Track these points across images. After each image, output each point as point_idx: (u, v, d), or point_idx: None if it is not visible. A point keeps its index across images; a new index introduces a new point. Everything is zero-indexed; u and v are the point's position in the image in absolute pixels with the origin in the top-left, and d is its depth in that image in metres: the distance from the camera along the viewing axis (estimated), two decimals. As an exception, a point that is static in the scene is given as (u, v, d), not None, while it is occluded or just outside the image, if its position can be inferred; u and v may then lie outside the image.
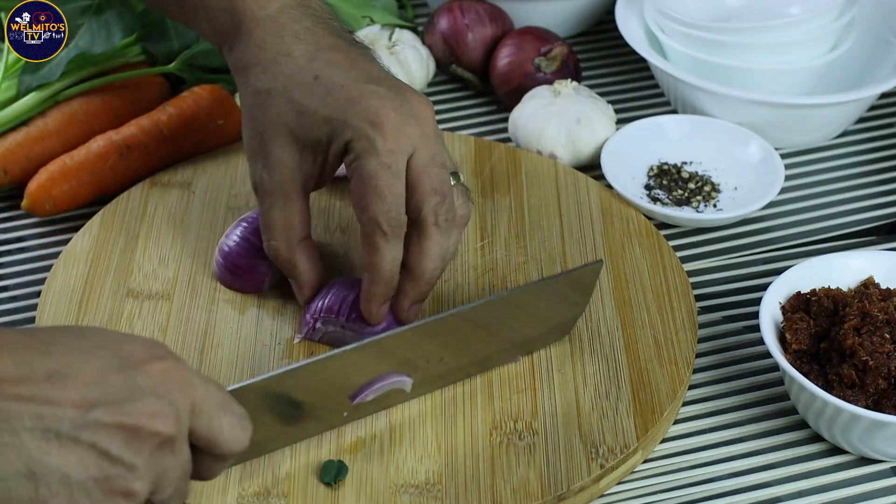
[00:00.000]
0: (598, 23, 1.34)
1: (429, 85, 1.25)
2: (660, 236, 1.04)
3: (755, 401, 0.95)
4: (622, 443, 0.88)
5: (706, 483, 0.89)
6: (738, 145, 1.13)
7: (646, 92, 1.25)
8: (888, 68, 1.17)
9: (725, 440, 0.92)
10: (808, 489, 0.89)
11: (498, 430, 0.89)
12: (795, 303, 0.93)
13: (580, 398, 0.91)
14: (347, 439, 0.88)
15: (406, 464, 0.87)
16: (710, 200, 1.10)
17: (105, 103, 1.13)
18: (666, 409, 0.90)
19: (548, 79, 1.19)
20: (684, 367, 0.93)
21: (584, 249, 1.03)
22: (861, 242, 1.08)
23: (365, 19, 1.23)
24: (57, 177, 1.08)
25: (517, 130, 1.14)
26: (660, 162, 1.13)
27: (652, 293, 0.99)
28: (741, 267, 1.06)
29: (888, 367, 0.87)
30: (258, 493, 0.84)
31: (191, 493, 0.73)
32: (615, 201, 1.07)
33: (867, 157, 1.18)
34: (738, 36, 1.14)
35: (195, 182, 1.08)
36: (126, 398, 0.67)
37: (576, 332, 0.96)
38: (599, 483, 0.87)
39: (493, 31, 1.23)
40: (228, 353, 0.94)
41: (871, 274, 0.95)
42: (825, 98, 1.13)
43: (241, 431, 0.72)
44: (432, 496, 0.84)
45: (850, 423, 0.87)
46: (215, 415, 0.70)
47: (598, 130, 1.12)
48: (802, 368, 0.89)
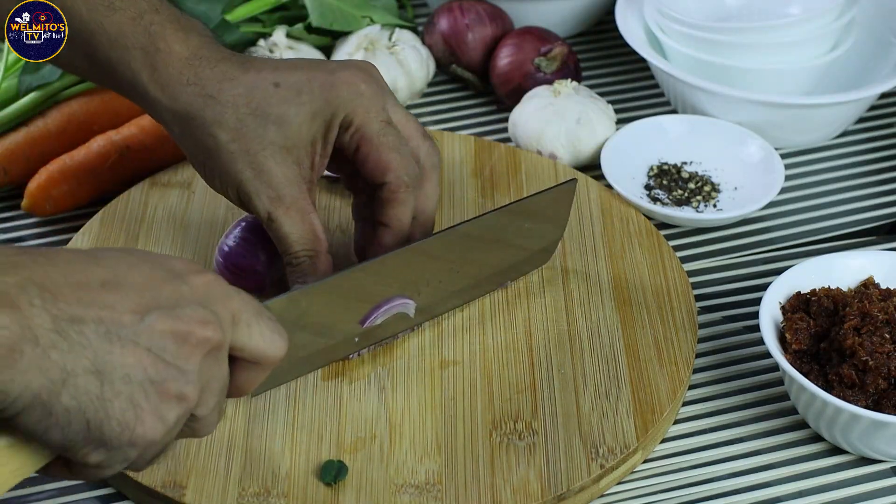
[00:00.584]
0: (598, 23, 1.34)
1: (429, 85, 1.25)
2: (660, 236, 1.04)
3: (755, 401, 0.95)
4: (622, 443, 0.88)
5: (706, 483, 0.89)
6: (738, 145, 1.13)
7: (646, 92, 1.25)
8: (888, 68, 1.17)
9: (725, 440, 0.92)
10: (808, 489, 0.89)
11: (498, 430, 0.89)
12: (795, 303, 0.93)
13: (580, 398, 0.91)
14: (347, 439, 0.88)
15: (406, 464, 0.87)
16: (710, 200, 1.10)
17: (105, 103, 1.13)
18: (666, 409, 0.90)
19: (548, 79, 1.19)
20: (684, 367, 0.93)
21: (583, 249, 1.03)
22: (861, 242, 1.08)
23: (365, 19, 1.23)
24: (57, 177, 1.08)
25: (517, 130, 1.14)
26: (660, 162, 1.13)
27: (652, 293, 0.99)
28: (741, 267, 1.06)
29: (888, 367, 0.87)
30: (258, 493, 0.84)
31: (224, 415, 0.75)
32: (615, 201, 1.07)
33: (867, 157, 1.18)
34: (738, 36, 1.14)
35: (195, 182, 1.08)
36: (175, 305, 0.69)
37: (576, 332, 0.96)
38: (599, 483, 0.87)
39: (493, 31, 1.23)
40: (228, 353, 0.94)
41: (871, 274, 0.95)
42: (825, 98, 1.13)
43: (279, 337, 0.74)
44: (432, 496, 0.85)
45: (850, 423, 0.87)
46: (254, 322, 0.73)
47: (598, 130, 1.12)
48: (802, 368, 0.89)
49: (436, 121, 1.22)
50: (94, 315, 0.66)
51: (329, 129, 0.91)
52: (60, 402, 0.65)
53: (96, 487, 0.88)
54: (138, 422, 0.67)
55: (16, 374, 0.64)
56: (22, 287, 0.65)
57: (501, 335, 0.96)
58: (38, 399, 0.65)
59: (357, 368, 0.93)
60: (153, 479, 0.85)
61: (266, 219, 0.90)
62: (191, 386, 0.69)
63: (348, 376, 0.92)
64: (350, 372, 0.93)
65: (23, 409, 0.65)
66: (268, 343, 0.74)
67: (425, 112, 1.22)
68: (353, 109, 0.90)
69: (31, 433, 0.66)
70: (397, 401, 0.91)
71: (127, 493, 0.87)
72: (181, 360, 0.69)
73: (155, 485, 0.85)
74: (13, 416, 0.65)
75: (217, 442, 0.87)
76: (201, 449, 0.87)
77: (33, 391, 0.64)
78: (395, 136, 0.91)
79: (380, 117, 0.91)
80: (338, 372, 0.93)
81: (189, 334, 0.69)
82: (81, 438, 0.67)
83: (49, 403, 0.65)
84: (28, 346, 0.64)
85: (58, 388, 0.65)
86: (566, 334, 0.96)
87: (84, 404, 0.66)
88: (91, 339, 0.66)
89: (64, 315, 0.65)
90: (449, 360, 0.94)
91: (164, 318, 0.68)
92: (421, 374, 0.93)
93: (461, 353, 0.94)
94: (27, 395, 0.64)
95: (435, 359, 0.94)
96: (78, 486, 0.88)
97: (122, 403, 0.67)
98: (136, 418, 0.67)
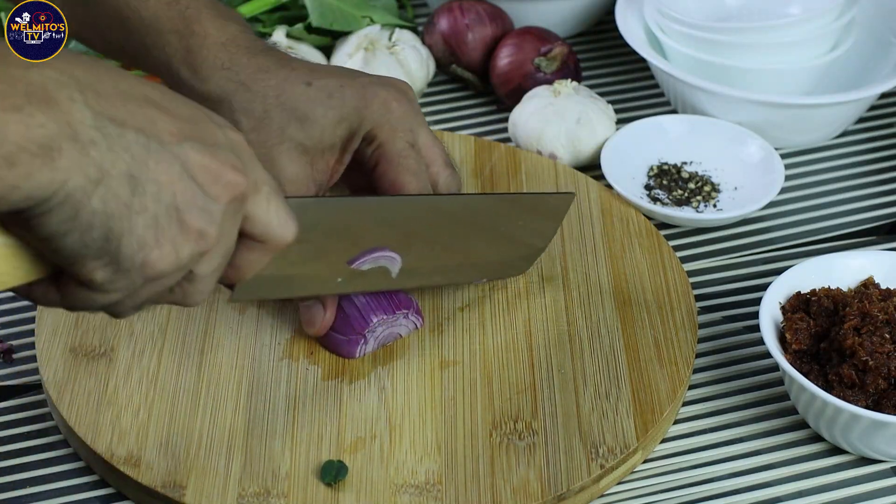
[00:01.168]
0: (598, 23, 1.34)
1: (429, 85, 1.25)
2: (660, 236, 1.04)
3: (755, 401, 0.95)
4: (622, 443, 0.88)
5: (706, 483, 0.89)
6: (738, 145, 1.13)
7: (646, 92, 1.25)
8: (888, 68, 1.17)
9: (725, 440, 0.92)
10: (808, 489, 0.89)
11: (498, 430, 0.89)
12: (795, 303, 0.93)
13: (580, 398, 0.91)
14: (347, 439, 0.88)
15: (406, 464, 0.87)
16: (710, 200, 1.10)
17: (105, 103, 1.13)
18: (666, 409, 0.90)
19: (548, 79, 1.19)
20: (684, 366, 0.93)
21: (584, 249, 1.03)
22: (861, 242, 1.08)
23: (365, 19, 1.23)
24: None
25: (517, 130, 1.14)
26: (660, 162, 1.13)
27: (652, 293, 0.99)
28: (741, 267, 1.06)
29: (888, 367, 0.87)
30: (258, 494, 0.84)
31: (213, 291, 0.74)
32: (615, 201, 1.07)
33: (867, 157, 1.18)
34: (738, 36, 1.14)
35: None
36: (214, 144, 0.68)
37: (575, 332, 0.96)
38: (599, 483, 0.87)
39: (493, 31, 1.23)
40: (228, 353, 0.94)
41: (871, 274, 0.95)
42: (825, 98, 1.13)
43: (290, 220, 0.73)
44: (432, 496, 0.85)
45: (850, 423, 0.87)
46: (273, 197, 0.72)
47: (598, 130, 1.12)
48: (802, 368, 0.90)
49: (436, 121, 1.22)
50: (137, 123, 0.65)
51: (352, 138, 0.91)
52: (90, 204, 0.63)
53: (96, 487, 0.88)
54: (156, 244, 0.66)
55: (56, 174, 0.62)
56: (62, 82, 0.63)
57: (501, 335, 0.96)
58: (71, 198, 0.63)
59: (357, 368, 0.93)
60: (153, 479, 0.85)
61: None
62: (213, 226, 0.68)
63: (348, 376, 0.92)
64: (350, 372, 0.93)
65: (52, 208, 0.63)
66: (280, 221, 0.72)
67: (425, 112, 1.22)
68: (379, 124, 0.90)
69: (49, 236, 0.64)
70: (397, 401, 0.91)
71: (127, 493, 0.87)
72: (207, 197, 0.67)
73: (155, 485, 0.85)
74: (38, 214, 0.63)
75: (217, 442, 0.88)
76: (201, 449, 0.87)
77: (68, 190, 0.62)
78: (415, 160, 0.91)
79: (405, 138, 0.91)
80: (338, 372, 0.93)
81: (221, 174, 0.68)
82: (97, 248, 0.65)
83: (79, 203, 0.63)
84: (67, 143, 0.62)
85: (92, 187, 0.63)
86: (566, 334, 0.96)
87: (112, 210, 0.64)
88: (131, 143, 0.65)
89: (106, 113, 0.64)
90: (449, 361, 0.94)
91: (202, 151, 0.67)
92: (421, 374, 0.93)
93: (461, 354, 0.94)
94: (61, 194, 0.62)
95: (435, 359, 0.94)
96: (78, 485, 0.88)
97: (146, 220, 0.65)
98: (154, 240, 0.66)
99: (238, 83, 0.90)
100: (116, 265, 0.66)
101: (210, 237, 0.68)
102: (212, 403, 0.90)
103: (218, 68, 0.91)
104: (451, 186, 0.93)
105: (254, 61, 0.91)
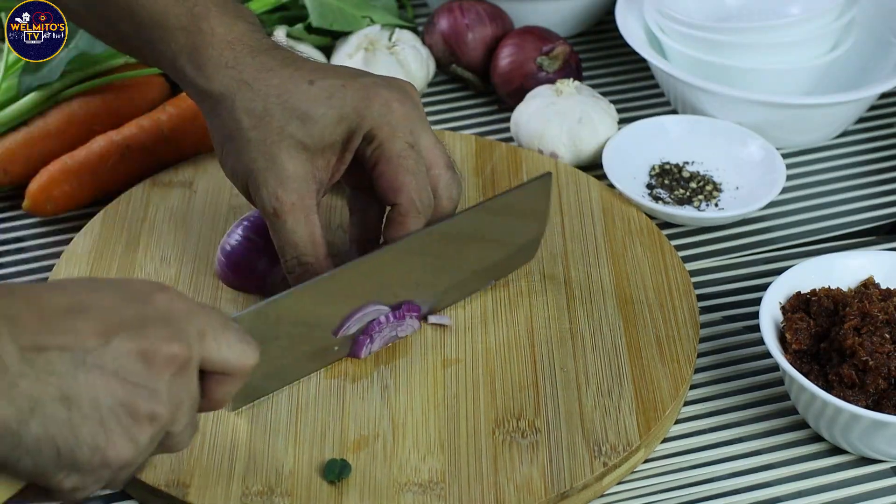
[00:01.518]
0: (598, 23, 1.34)
1: (429, 85, 1.25)
2: (661, 235, 1.05)
3: (755, 401, 0.95)
4: (625, 441, 0.88)
5: (706, 483, 0.89)
6: (739, 145, 1.13)
7: (646, 92, 1.25)
8: (888, 68, 1.17)
9: (725, 440, 0.92)
10: (808, 489, 0.89)
11: (501, 428, 0.89)
12: (795, 303, 0.93)
13: (583, 396, 0.91)
14: (350, 437, 0.88)
15: (409, 462, 0.87)
16: (711, 200, 1.10)
17: (105, 103, 1.13)
18: (668, 406, 0.90)
19: (550, 78, 1.19)
20: (686, 364, 0.94)
21: (585, 248, 1.03)
22: (861, 242, 1.08)
23: (365, 19, 1.23)
24: (58, 177, 1.08)
25: (519, 129, 1.14)
26: (661, 162, 1.13)
27: (654, 291, 0.99)
28: (742, 267, 1.06)
29: (888, 367, 0.87)
30: (262, 492, 0.85)
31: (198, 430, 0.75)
32: (616, 200, 1.08)
33: (867, 157, 1.18)
34: (738, 36, 1.14)
35: (196, 181, 1.08)
36: (141, 325, 0.69)
37: (578, 330, 0.96)
38: (602, 481, 0.87)
39: (493, 30, 1.23)
40: (231, 352, 0.94)
41: (871, 274, 0.96)
42: (825, 98, 1.13)
43: (247, 346, 0.74)
44: (435, 494, 0.85)
45: (850, 423, 0.87)
46: (221, 334, 0.73)
47: (600, 130, 1.12)
48: (802, 368, 0.90)
49: (436, 121, 1.22)
50: (59, 342, 0.66)
51: (351, 137, 0.90)
52: (30, 431, 0.65)
53: (99, 486, 0.88)
54: (109, 444, 0.68)
55: None
56: None
57: (504, 334, 0.96)
58: (8, 429, 0.65)
59: (360, 367, 0.93)
60: (157, 478, 0.85)
61: (269, 213, 0.90)
62: (161, 405, 0.69)
63: (351, 375, 0.93)
64: (353, 371, 0.93)
65: None
66: (237, 354, 0.73)
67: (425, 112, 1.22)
68: (379, 125, 0.90)
69: (3, 462, 0.66)
70: (400, 399, 0.91)
71: (131, 492, 0.87)
72: (150, 379, 0.69)
73: (158, 484, 0.85)
74: None
75: (220, 441, 0.88)
76: (205, 448, 0.87)
77: (2, 421, 0.64)
78: (414, 161, 0.90)
79: (405, 139, 0.90)
80: (340, 371, 0.93)
81: (156, 353, 0.69)
82: (53, 465, 0.67)
83: (18, 433, 0.65)
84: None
85: (28, 416, 0.65)
86: (568, 332, 0.96)
87: (53, 432, 0.66)
88: (57, 366, 0.66)
89: (29, 344, 0.66)
90: (452, 359, 0.94)
91: (130, 339, 0.68)
92: (424, 372, 0.93)
93: (464, 352, 0.94)
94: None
95: (437, 357, 0.94)
96: (81, 484, 0.88)
97: (91, 428, 0.67)
98: (106, 441, 0.67)
99: (241, 82, 0.91)
100: (79, 471, 0.68)
101: (163, 416, 0.69)
102: (214, 402, 0.90)
103: (222, 67, 0.91)
104: (451, 189, 0.93)
105: (258, 60, 0.91)
